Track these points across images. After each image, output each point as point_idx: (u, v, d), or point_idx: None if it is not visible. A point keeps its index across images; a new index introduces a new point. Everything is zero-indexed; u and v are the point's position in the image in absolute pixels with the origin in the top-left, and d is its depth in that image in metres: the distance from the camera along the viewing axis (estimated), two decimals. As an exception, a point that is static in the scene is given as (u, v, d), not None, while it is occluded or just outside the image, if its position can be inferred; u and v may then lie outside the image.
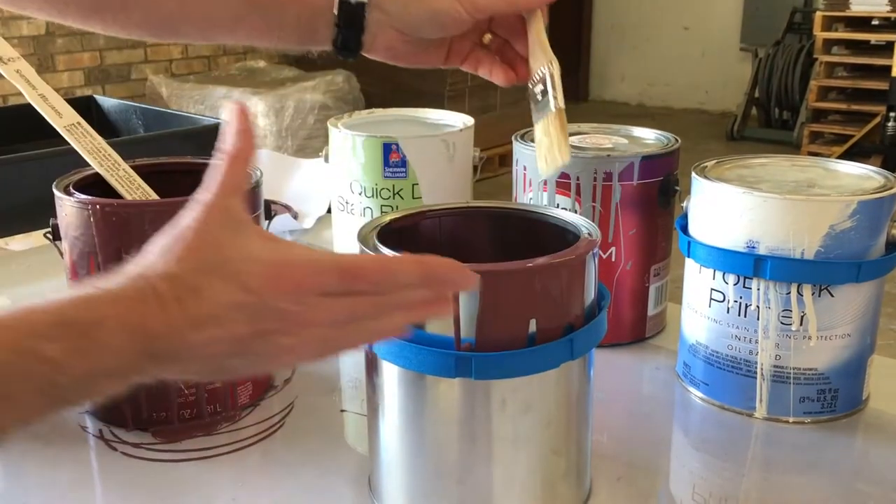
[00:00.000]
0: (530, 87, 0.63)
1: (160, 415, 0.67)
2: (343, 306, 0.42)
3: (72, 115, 0.70)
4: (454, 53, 0.66)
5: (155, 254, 0.41)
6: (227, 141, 0.45)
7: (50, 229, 0.68)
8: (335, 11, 0.60)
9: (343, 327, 0.43)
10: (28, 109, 0.72)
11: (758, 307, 0.67)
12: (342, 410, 0.73)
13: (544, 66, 0.61)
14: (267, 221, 0.73)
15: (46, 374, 0.37)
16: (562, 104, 0.60)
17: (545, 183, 0.78)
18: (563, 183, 0.77)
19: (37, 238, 1.12)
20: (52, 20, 0.62)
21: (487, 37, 0.66)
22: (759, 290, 0.67)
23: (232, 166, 0.45)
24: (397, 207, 0.87)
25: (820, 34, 4.41)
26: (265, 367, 0.47)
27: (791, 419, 0.69)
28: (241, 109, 0.46)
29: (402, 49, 0.63)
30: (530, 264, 0.50)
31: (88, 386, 0.39)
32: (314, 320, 0.42)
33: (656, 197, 0.78)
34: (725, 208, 0.67)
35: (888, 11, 4.24)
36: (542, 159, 0.59)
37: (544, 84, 0.61)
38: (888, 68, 3.93)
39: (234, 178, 0.44)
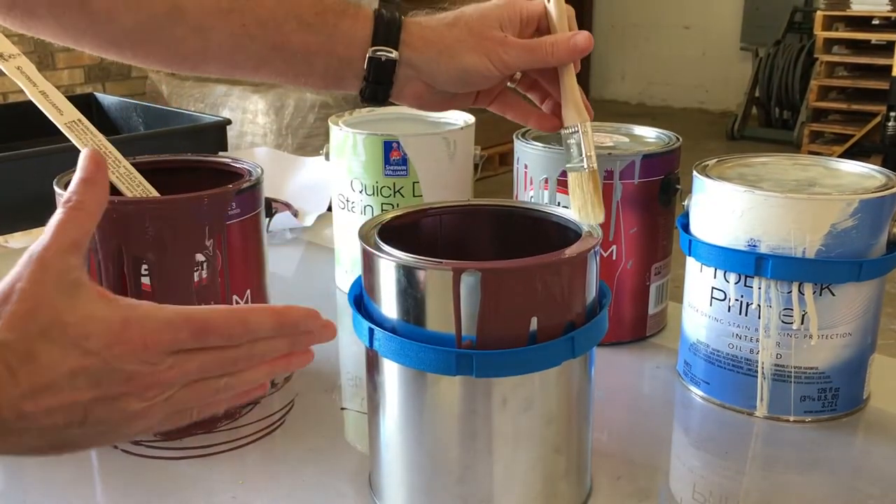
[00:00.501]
0: (563, 133, 0.64)
1: (160, 412, 0.67)
2: (195, 363, 0.40)
3: (72, 112, 0.70)
4: (483, 96, 0.65)
5: None
6: (72, 190, 0.43)
7: (50, 226, 0.68)
8: (364, 67, 0.59)
9: (197, 386, 0.41)
10: (28, 106, 0.72)
11: (759, 306, 0.67)
12: (342, 408, 0.73)
13: (577, 123, 0.63)
14: (267, 219, 0.73)
15: None
16: (595, 165, 0.61)
17: (546, 181, 0.78)
18: (565, 181, 0.77)
19: (36, 235, 1.12)
20: (69, 46, 0.61)
21: (517, 75, 0.66)
22: (760, 288, 0.67)
23: (72, 220, 0.41)
24: (398, 205, 0.87)
25: (820, 34, 4.41)
26: (111, 436, 0.41)
27: (792, 418, 0.69)
28: (94, 158, 0.44)
29: (429, 98, 0.63)
30: (531, 262, 0.50)
31: None
32: (164, 380, 0.39)
33: (657, 195, 0.78)
34: (727, 207, 0.67)
35: (889, 11, 4.24)
36: (576, 210, 0.60)
37: (577, 140, 0.62)
38: (888, 68, 3.93)
39: (74, 232, 0.41)
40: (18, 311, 0.37)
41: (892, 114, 3.91)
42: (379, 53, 0.58)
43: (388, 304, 0.52)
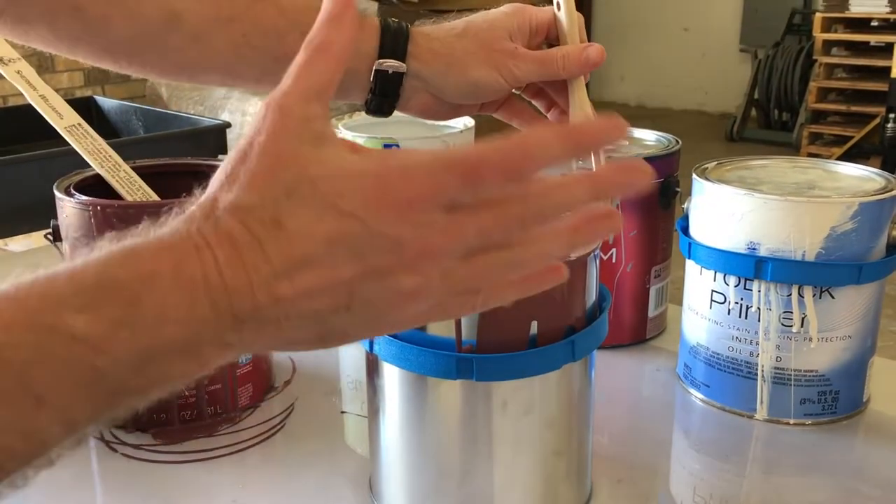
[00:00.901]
0: None
1: (160, 416, 0.67)
2: (473, 224, 0.32)
3: (72, 116, 0.70)
4: (489, 104, 0.63)
5: (218, 181, 0.32)
6: (316, 29, 0.35)
7: (51, 230, 0.68)
8: (371, 79, 0.57)
9: (479, 260, 0.33)
10: (28, 110, 0.72)
11: (758, 309, 0.67)
12: (343, 412, 0.73)
13: None
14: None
15: (81, 357, 0.28)
16: None
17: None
18: (564, 184, 0.77)
19: (36, 239, 1.12)
20: (61, 55, 0.59)
21: None
22: (759, 291, 0.67)
23: (316, 62, 0.35)
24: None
25: (819, 35, 4.41)
26: (382, 324, 0.34)
27: (792, 421, 0.69)
28: None
29: (436, 109, 0.61)
30: (531, 266, 0.50)
31: (143, 371, 0.29)
32: (438, 247, 0.31)
33: (657, 198, 0.78)
34: (726, 210, 0.67)
35: (888, 13, 4.24)
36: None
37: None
38: (888, 69, 3.94)
39: (319, 77, 0.34)
40: (259, 169, 0.31)
41: (892, 115, 3.91)
42: (386, 66, 0.57)
43: (389, 308, 0.52)
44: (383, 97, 0.58)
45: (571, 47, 0.59)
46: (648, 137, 0.85)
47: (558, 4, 0.60)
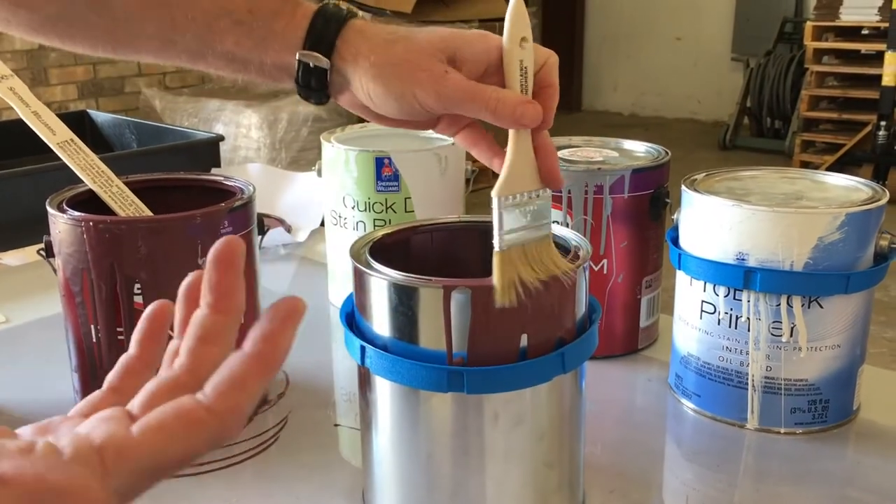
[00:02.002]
0: (508, 198, 0.53)
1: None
2: None
3: (65, 133, 0.71)
4: (445, 125, 0.57)
5: None
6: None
7: (43, 246, 0.69)
8: (296, 70, 0.53)
9: None
10: (20, 125, 0.72)
11: (748, 319, 0.67)
12: (336, 425, 0.73)
13: (533, 191, 0.53)
14: (260, 235, 0.73)
15: None
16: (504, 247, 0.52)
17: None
18: (555, 196, 0.78)
19: (30, 253, 1.13)
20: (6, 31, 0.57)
21: None
22: (749, 301, 0.67)
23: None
24: (390, 221, 0.87)
25: (810, 44, 4.43)
26: None
27: (782, 430, 0.69)
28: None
29: (367, 111, 0.56)
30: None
31: None
32: None
33: (647, 209, 0.79)
34: (715, 221, 0.68)
35: (878, 21, 4.27)
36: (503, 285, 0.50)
37: (537, 208, 0.53)
38: (878, 77, 3.96)
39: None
40: None
41: (883, 123, 3.93)
42: (307, 59, 0.53)
43: (380, 322, 0.53)
44: (309, 88, 0.54)
45: (509, 95, 0.52)
46: (638, 149, 0.86)
47: (522, 39, 0.52)
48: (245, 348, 0.30)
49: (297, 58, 0.53)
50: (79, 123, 1.66)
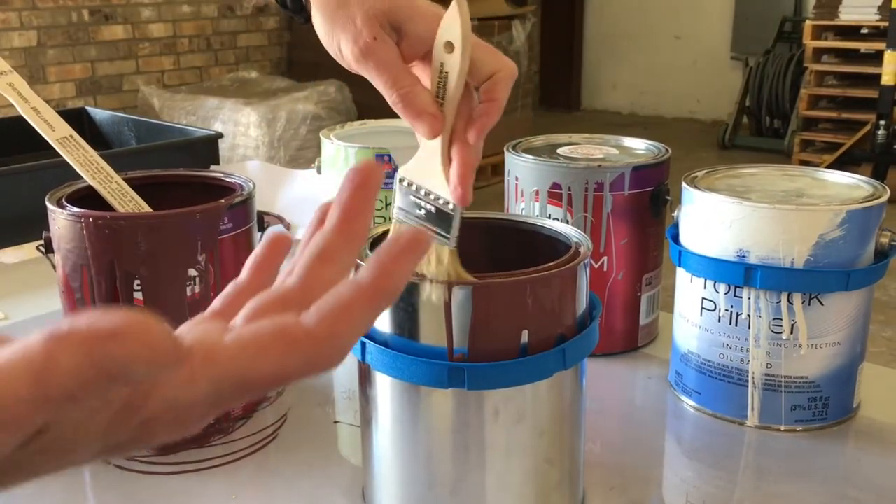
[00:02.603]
0: (405, 181, 0.52)
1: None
2: None
3: (64, 128, 0.70)
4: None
5: None
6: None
7: (43, 242, 0.68)
8: None
9: None
10: (19, 121, 0.72)
11: (748, 316, 0.67)
12: (335, 422, 0.73)
13: (449, 200, 0.51)
14: (259, 232, 0.73)
15: None
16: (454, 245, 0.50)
17: (537, 193, 0.78)
18: (555, 193, 0.78)
19: (28, 250, 1.12)
20: None
21: None
22: (749, 298, 0.67)
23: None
24: (389, 218, 0.87)
25: (810, 43, 4.44)
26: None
27: (783, 427, 0.69)
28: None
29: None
30: (522, 276, 0.50)
31: None
32: None
33: (647, 207, 0.79)
34: (715, 218, 0.67)
35: (877, 20, 4.27)
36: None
37: (435, 212, 0.51)
38: (878, 76, 3.96)
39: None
40: None
41: (882, 122, 3.93)
42: None
43: (380, 318, 0.52)
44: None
45: (420, 96, 0.50)
46: (639, 146, 0.85)
47: (449, 45, 0.49)
48: (359, 276, 0.27)
49: None
50: (77, 121, 1.66)
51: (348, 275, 0.30)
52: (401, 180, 0.52)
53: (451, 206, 0.51)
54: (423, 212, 0.51)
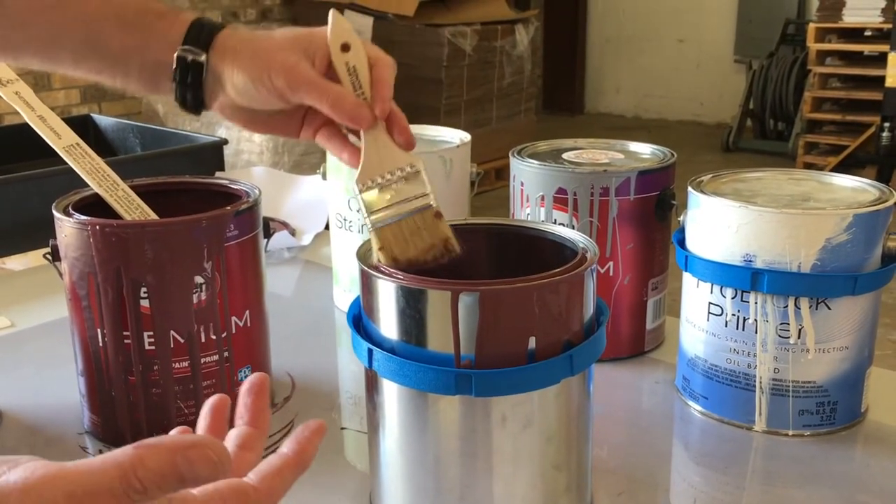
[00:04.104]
0: (367, 182, 0.57)
1: (158, 432, 0.67)
2: None
3: (70, 136, 0.71)
4: (308, 125, 0.62)
5: None
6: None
7: (49, 250, 0.69)
8: (174, 67, 0.57)
9: None
10: (26, 129, 0.72)
11: (755, 321, 0.67)
12: (342, 428, 0.73)
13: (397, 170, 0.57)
14: (265, 239, 0.73)
15: None
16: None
17: (542, 198, 0.78)
18: (561, 198, 0.78)
19: (34, 258, 1.13)
20: None
21: None
22: (756, 303, 0.67)
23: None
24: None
25: (813, 45, 4.43)
26: None
27: (790, 432, 0.69)
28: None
29: (236, 114, 0.60)
30: (529, 282, 0.50)
31: None
32: None
33: (653, 211, 0.79)
34: (722, 222, 0.67)
35: (880, 22, 4.26)
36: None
37: (405, 184, 0.57)
38: (882, 79, 3.95)
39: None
40: None
41: (887, 124, 3.92)
42: (185, 53, 0.57)
43: (387, 325, 0.52)
44: (185, 86, 0.58)
45: (348, 96, 0.57)
46: (644, 151, 0.85)
47: (345, 45, 0.57)
48: (282, 450, 0.41)
49: (176, 53, 0.57)
50: (82, 128, 1.67)
51: (261, 457, 0.42)
52: (360, 187, 0.57)
53: (414, 168, 0.57)
54: (392, 193, 0.57)
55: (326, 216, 1.04)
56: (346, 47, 0.57)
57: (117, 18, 0.57)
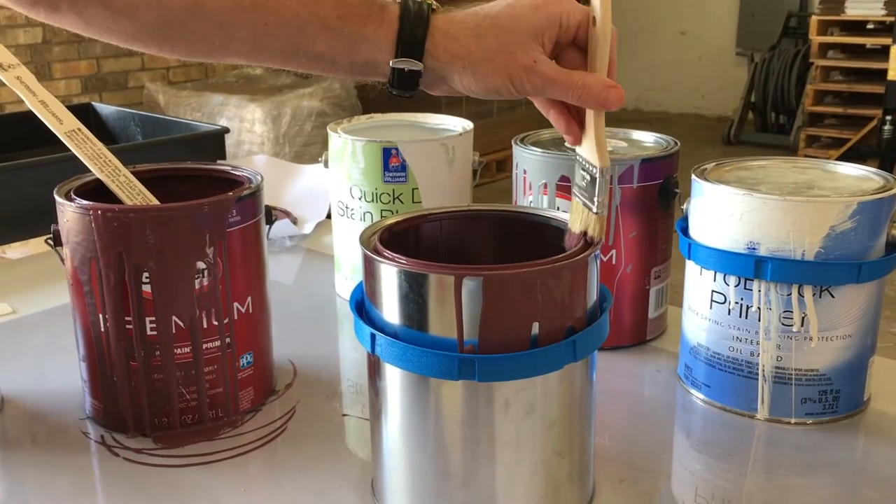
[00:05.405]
0: (580, 159, 0.59)
1: (162, 420, 0.67)
2: None
3: (72, 122, 0.70)
4: (539, 103, 0.62)
5: None
6: None
7: (51, 235, 0.68)
8: (388, 78, 0.58)
9: None
10: (28, 116, 0.72)
11: (759, 308, 0.67)
12: (344, 415, 0.73)
13: (596, 166, 0.57)
14: (267, 226, 0.73)
15: None
16: (605, 212, 0.56)
17: (545, 186, 0.78)
18: (564, 186, 0.77)
19: (34, 246, 1.12)
20: (98, 38, 0.60)
21: None
22: (759, 291, 0.67)
23: None
24: (397, 212, 0.87)
25: (815, 38, 4.42)
26: None
27: (793, 420, 0.69)
28: None
29: (460, 95, 0.61)
30: (533, 267, 0.50)
31: None
32: None
33: (656, 199, 0.79)
34: (725, 210, 0.67)
35: (883, 15, 4.26)
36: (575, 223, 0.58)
37: (593, 180, 0.57)
38: (884, 72, 3.95)
39: None
40: None
41: (888, 117, 3.92)
42: (402, 65, 0.57)
43: (390, 310, 0.52)
44: (402, 89, 0.58)
45: (593, 80, 0.57)
46: (647, 139, 0.85)
47: (594, 19, 0.57)
48: None
49: (391, 65, 0.57)
50: (83, 116, 1.66)
51: None
52: (576, 154, 0.59)
53: (595, 171, 0.57)
54: (584, 183, 0.58)
55: (328, 205, 1.04)
56: (594, 21, 0.57)
57: (319, 23, 0.57)
